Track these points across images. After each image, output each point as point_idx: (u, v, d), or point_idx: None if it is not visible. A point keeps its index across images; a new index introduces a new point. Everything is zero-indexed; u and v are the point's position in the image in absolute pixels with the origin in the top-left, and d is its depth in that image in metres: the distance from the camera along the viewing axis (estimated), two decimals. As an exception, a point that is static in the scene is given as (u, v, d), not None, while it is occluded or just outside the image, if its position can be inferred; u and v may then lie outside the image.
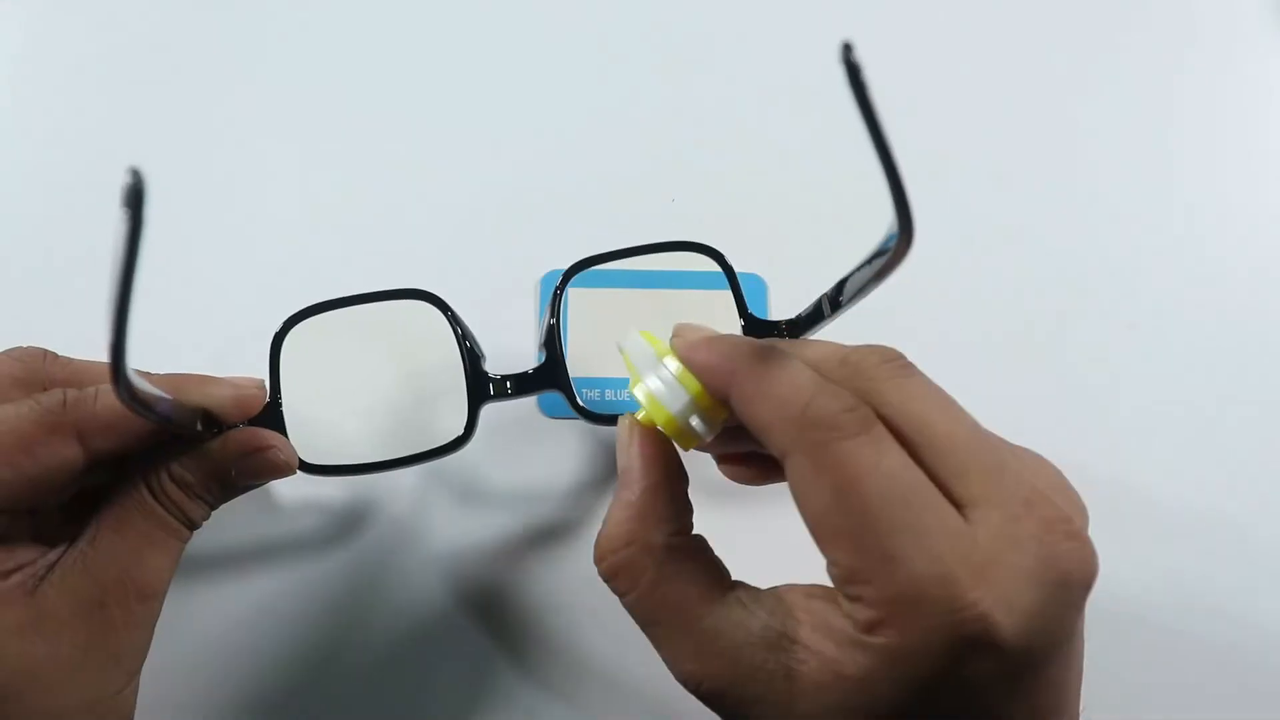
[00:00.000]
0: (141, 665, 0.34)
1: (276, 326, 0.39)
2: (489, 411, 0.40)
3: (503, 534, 0.44)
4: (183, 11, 0.55)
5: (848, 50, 0.21)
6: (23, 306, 0.48)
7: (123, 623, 0.33)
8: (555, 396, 0.44)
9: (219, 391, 0.36)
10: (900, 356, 0.31)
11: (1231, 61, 0.55)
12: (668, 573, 0.31)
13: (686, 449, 0.33)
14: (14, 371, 0.35)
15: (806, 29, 0.53)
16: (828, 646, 0.28)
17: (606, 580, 0.32)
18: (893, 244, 0.26)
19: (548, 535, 0.44)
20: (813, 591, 0.30)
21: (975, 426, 0.29)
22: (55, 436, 0.32)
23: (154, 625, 0.34)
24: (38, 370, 0.35)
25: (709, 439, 0.33)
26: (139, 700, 0.35)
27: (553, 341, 0.40)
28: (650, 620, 0.31)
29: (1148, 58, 0.55)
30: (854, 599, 0.27)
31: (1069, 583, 0.27)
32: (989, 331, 0.48)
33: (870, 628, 0.27)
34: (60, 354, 0.37)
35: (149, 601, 0.34)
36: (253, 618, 0.43)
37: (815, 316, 0.37)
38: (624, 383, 0.45)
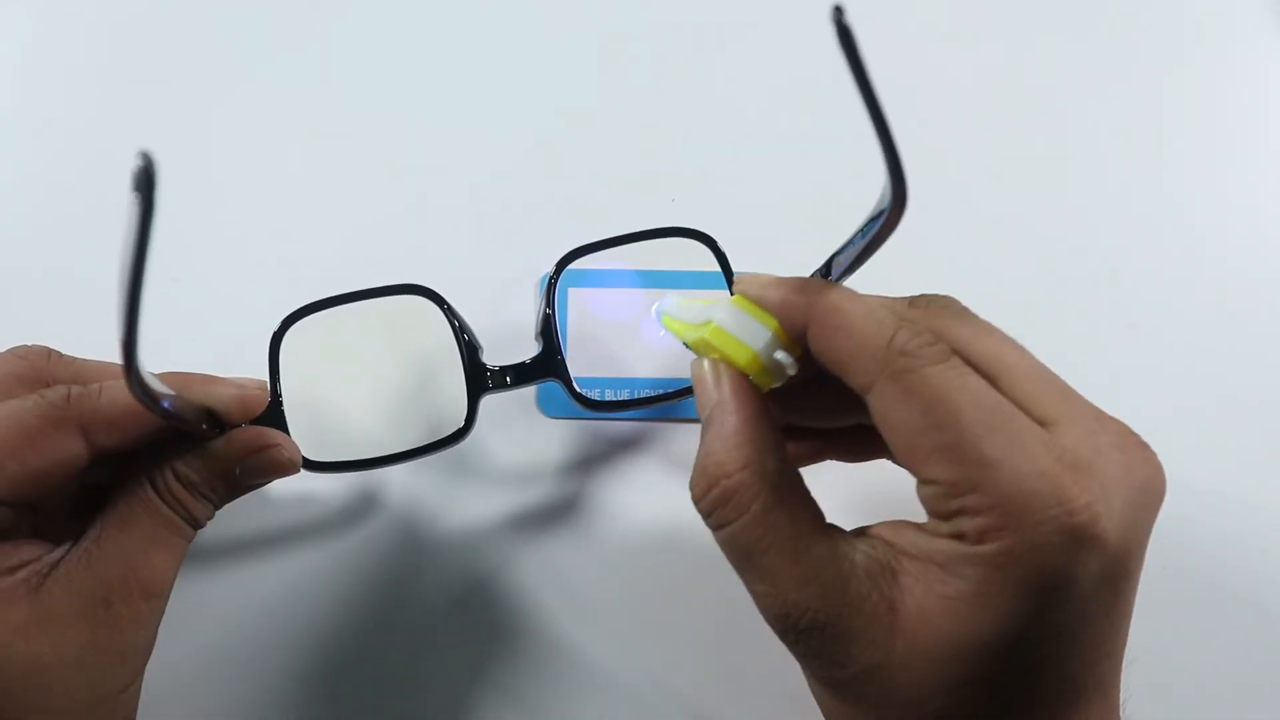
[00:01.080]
0: (145, 663, 0.34)
1: (275, 326, 0.39)
2: (490, 412, 0.40)
3: (502, 529, 0.44)
4: (183, 12, 0.55)
5: (839, 13, 0.22)
6: (24, 306, 0.48)
7: (127, 621, 0.32)
8: (556, 397, 0.44)
9: (222, 391, 0.36)
10: (960, 301, 0.32)
11: (1231, 61, 0.55)
12: (781, 497, 0.30)
13: (764, 389, 0.33)
14: (18, 369, 0.35)
15: (807, 29, 0.54)
16: (931, 570, 0.28)
17: (709, 511, 0.31)
18: (886, 211, 0.27)
19: (547, 532, 0.44)
20: (897, 525, 0.30)
21: (1037, 360, 0.31)
22: (59, 431, 0.32)
23: (158, 623, 0.34)
24: (42, 369, 0.35)
25: (791, 374, 0.32)
26: (141, 698, 0.35)
27: (549, 331, 0.41)
28: (757, 548, 0.30)
29: (1147, 58, 0.55)
30: (957, 513, 0.28)
31: (1149, 489, 0.29)
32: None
33: (981, 535, 0.27)
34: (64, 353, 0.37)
35: (153, 600, 0.33)
36: (253, 613, 0.43)
37: None
38: (623, 383, 0.45)
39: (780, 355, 0.32)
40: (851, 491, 0.40)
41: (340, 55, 0.54)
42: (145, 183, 0.20)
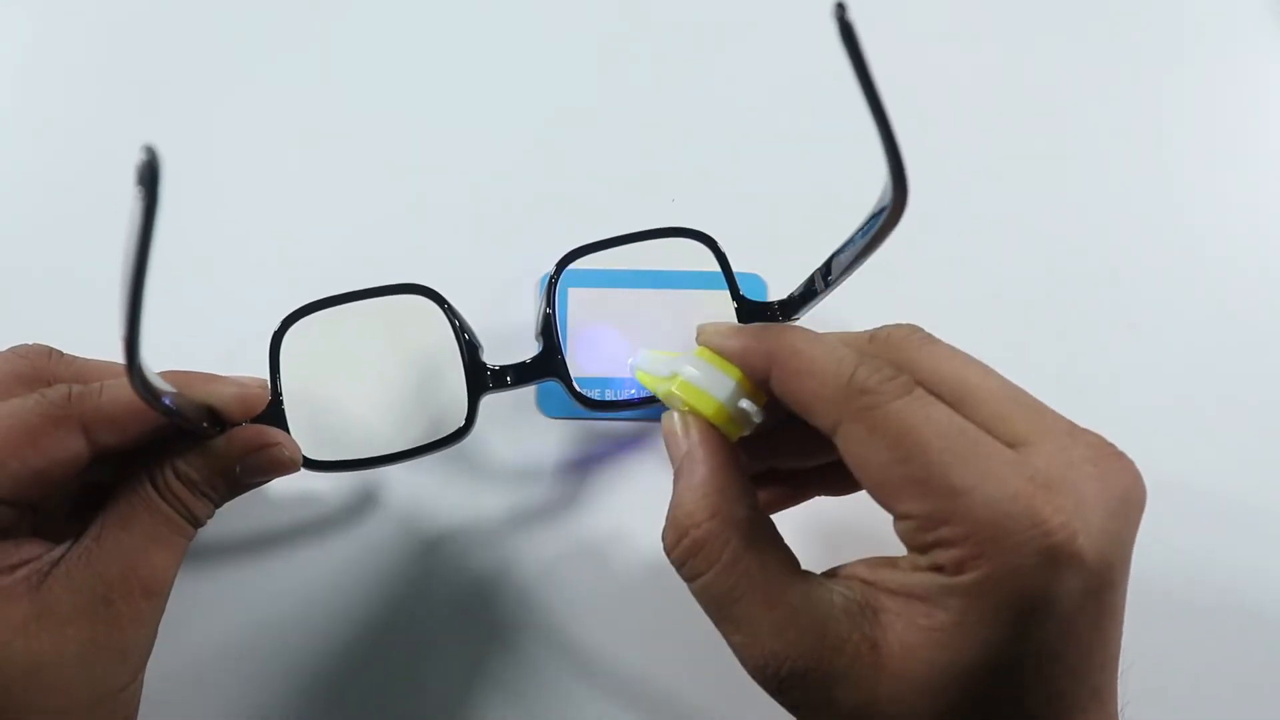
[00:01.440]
0: (145, 662, 0.34)
1: (275, 326, 0.39)
2: (489, 412, 0.40)
3: (501, 528, 0.44)
4: (183, 12, 0.55)
5: (841, 9, 0.22)
6: (24, 306, 0.48)
7: (128, 619, 0.32)
8: (555, 397, 0.44)
9: (223, 389, 0.36)
10: (922, 329, 0.32)
11: (1231, 61, 0.55)
12: (752, 545, 0.30)
13: (733, 438, 0.33)
14: (19, 369, 0.35)
15: (807, 29, 0.54)
16: (913, 605, 0.28)
17: (681, 561, 0.31)
18: (887, 208, 0.27)
19: (547, 531, 0.44)
20: (874, 562, 0.30)
21: (1005, 379, 0.31)
22: (60, 429, 0.32)
23: (158, 622, 0.34)
24: (43, 368, 0.35)
25: (757, 423, 0.33)
26: (141, 697, 0.35)
27: (549, 330, 0.41)
28: (730, 598, 0.30)
29: (1147, 58, 0.55)
30: (933, 545, 0.28)
31: (1128, 499, 0.29)
32: (988, 331, 0.48)
33: (960, 566, 0.27)
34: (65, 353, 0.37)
35: (154, 598, 0.33)
36: (252, 612, 0.43)
37: (808, 294, 0.37)
38: (623, 383, 0.45)
39: (745, 404, 0.32)
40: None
41: (341, 55, 0.54)
42: (149, 177, 0.20)
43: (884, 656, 0.28)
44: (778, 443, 0.36)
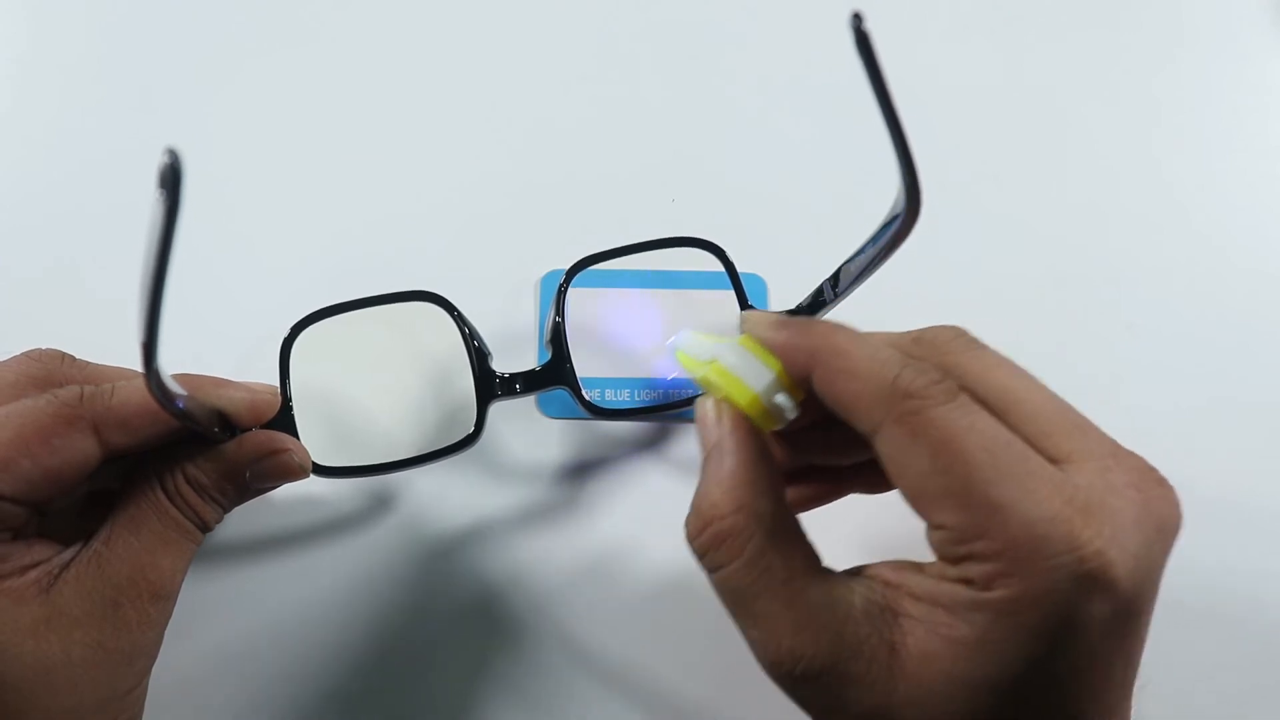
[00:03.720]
0: (152, 665, 0.34)
1: (284, 332, 0.39)
2: (490, 412, 0.40)
3: (504, 528, 0.44)
4: (183, 16, 0.55)
5: (858, 19, 0.22)
6: (25, 306, 0.48)
7: (136, 623, 0.33)
8: (556, 398, 0.44)
9: (234, 394, 0.36)
10: (969, 332, 0.32)
11: (1230, 62, 0.56)
12: (775, 541, 0.30)
13: (765, 431, 0.32)
14: (32, 371, 0.35)
15: (807, 29, 0.54)
16: (937, 613, 0.28)
17: (703, 552, 0.31)
18: (899, 216, 0.27)
19: (549, 531, 0.44)
20: (899, 564, 0.30)
21: (1052, 392, 0.30)
22: (72, 429, 0.32)
23: (165, 626, 0.34)
24: (55, 371, 0.35)
25: (791, 418, 0.32)
26: (147, 700, 0.35)
27: (559, 339, 0.41)
28: (750, 593, 0.30)
29: (1147, 58, 0.55)
30: (965, 558, 0.27)
31: (1165, 527, 0.28)
32: (987, 332, 0.48)
33: (990, 581, 0.27)
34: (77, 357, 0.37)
35: (161, 602, 0.33)
36: (258, 615, 0.42)
37: (816, 304, 0.37)
38: (623, 383, 0.45)
39: (780, 398, 0.32)
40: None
41: (343, 57, 0.54)
42: (172, 180, 0.20)
43: (901, 661, 0.28)
44: (819, 438, 0.36)
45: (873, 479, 0.37)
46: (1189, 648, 0.43)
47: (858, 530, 0.40)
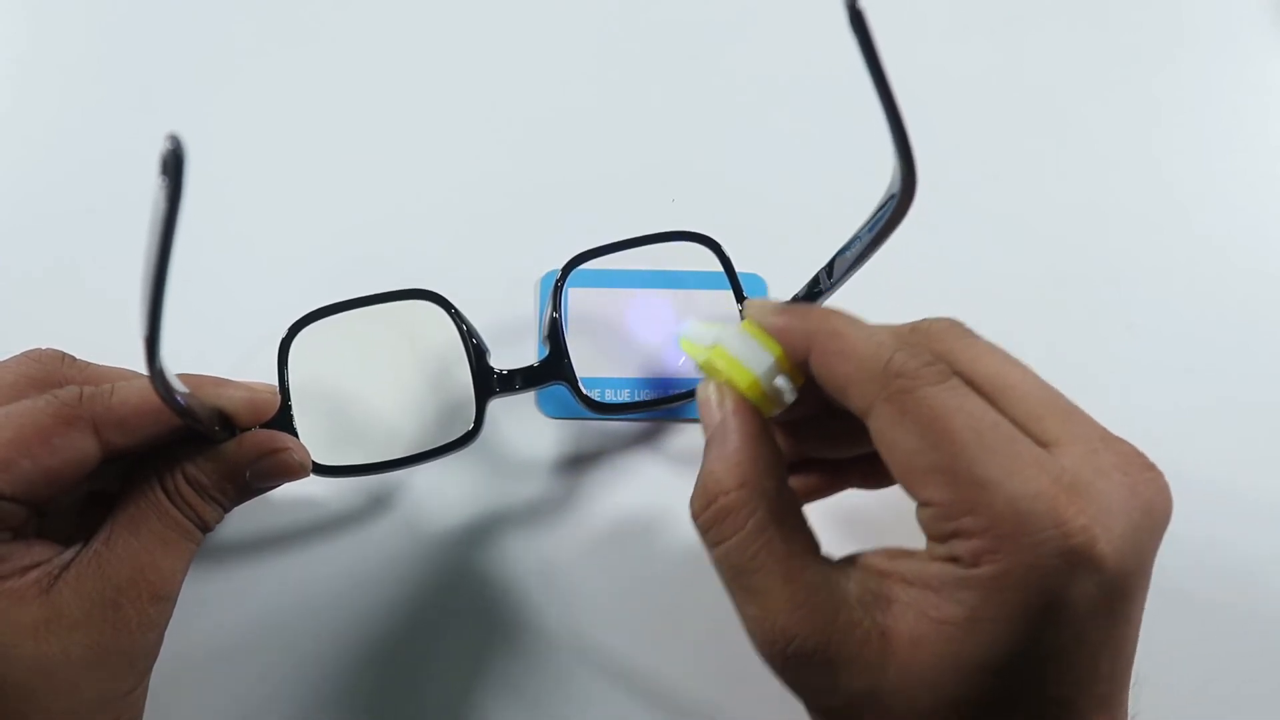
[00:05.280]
0: (152, 665, 0.34)
1: (284, 331, 0.39)
2: (489, 411, 0.40)
3: (502, 527, 0.44)
4: (183, 16, 0.55)
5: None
6: (25, 306, 0.48)
7: (136, 623, 0.32)
8: (554, 397, 0.44)
9: (233, 394, 0.36)
10: (963, 324, 0.33)
11: (1231, 61, 0.56)
12: (776, 518, 0.30)
13: (767, 414, 0.33)
14: (31, 372, 0.35)
15: (807, 29, 0.54)
16: (926, 595, 0.28)
17: (706, 527, 0.31)
18: (896, 195, 0.27)
19: (548, 530, 0.44)
20: (892, 552, 0.30)
21: (1043, 380, 0.31)
22: (72, 429, 0.32)
23: (165, 626, 0.34)
24: (55, 372, 0.35)
25: (789, 403, 0.33)
26: (147, 700, 0.35)
27: (556, 335, 0.41)
28: (750, 567, 0.30)
29: (1147, 58, 0.56)
30: (952, 535, 0.28)
31: (1153, 511, 0.28)
32: (987, 331, 0.48)
33: (976, 558, 0.27)
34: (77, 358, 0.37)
35: (161, 602, 0.33)
36: (256, 614, 0.42)
37: (812, 294, 0.37)
38: (623, 383, 0.45)
39: (780, 381, 0.32)
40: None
41: (342, 56, 0.54)
42: (174, 166, 0.20)
43: (893, 646, 0.28)
44: (818, 431, 0.36)
45: (871, 472, 0.38)
46: (1191, 646, 0.43)
47: (853, 524, 0.40)
